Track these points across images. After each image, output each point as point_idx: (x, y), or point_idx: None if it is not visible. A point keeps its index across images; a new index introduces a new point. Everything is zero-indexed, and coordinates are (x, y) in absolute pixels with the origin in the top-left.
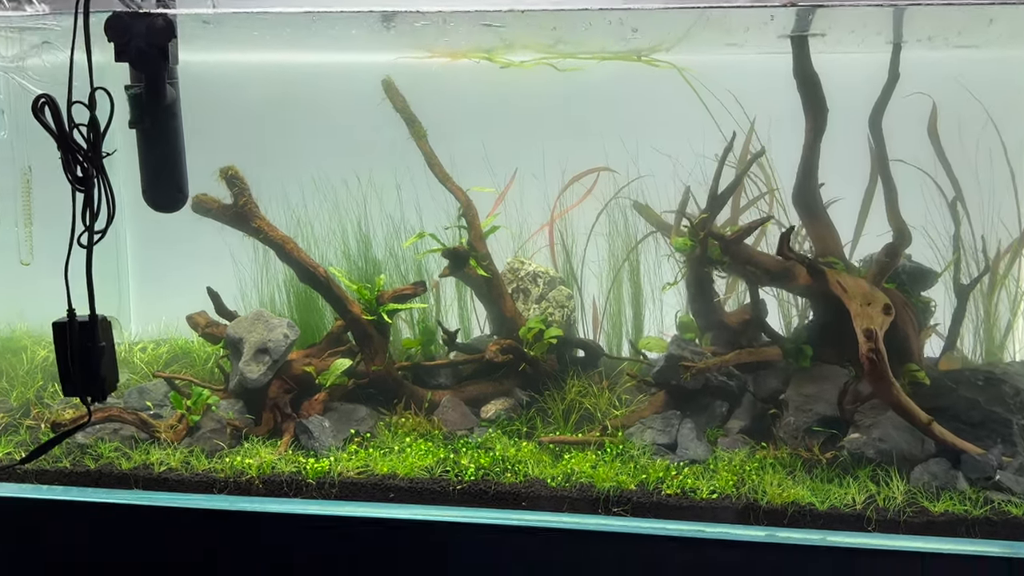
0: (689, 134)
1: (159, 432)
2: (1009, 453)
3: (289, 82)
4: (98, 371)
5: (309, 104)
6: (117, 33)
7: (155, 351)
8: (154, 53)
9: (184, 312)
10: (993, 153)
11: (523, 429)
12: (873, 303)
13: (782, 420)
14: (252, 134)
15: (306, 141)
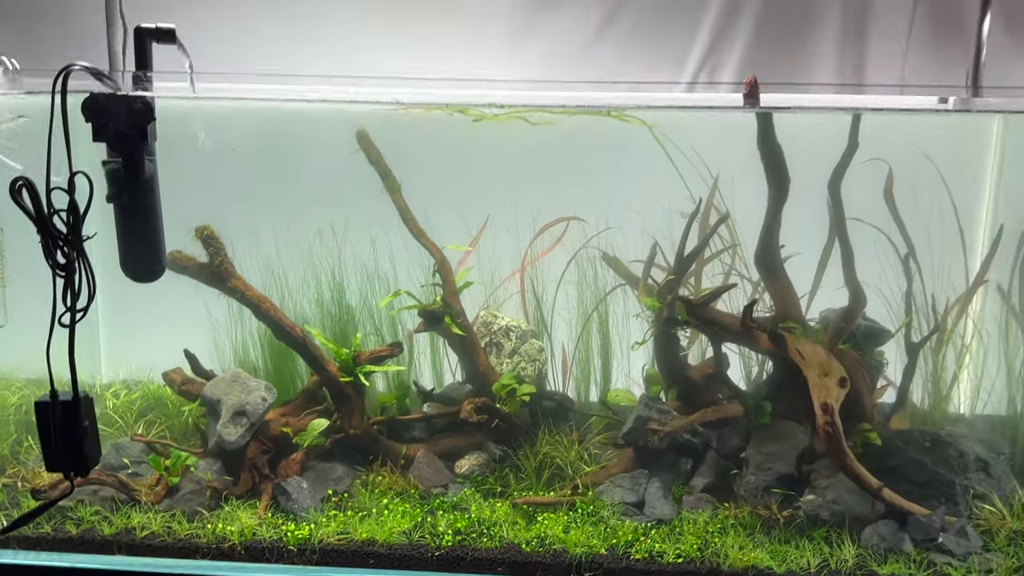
0: (657, 187)
1: (139, 494)
2: (952, 513)
3: (263, 129)
4: (81, 450)
5: (283, 151)
6: (95, 114)
7: (127, 397)
8: (133, 135)
9: (155, 352)
10: (945, 214)
11: (497, 488)
12: (830, 374)
13: (743, 478)
14: (224, 180)
15: (280, 189)
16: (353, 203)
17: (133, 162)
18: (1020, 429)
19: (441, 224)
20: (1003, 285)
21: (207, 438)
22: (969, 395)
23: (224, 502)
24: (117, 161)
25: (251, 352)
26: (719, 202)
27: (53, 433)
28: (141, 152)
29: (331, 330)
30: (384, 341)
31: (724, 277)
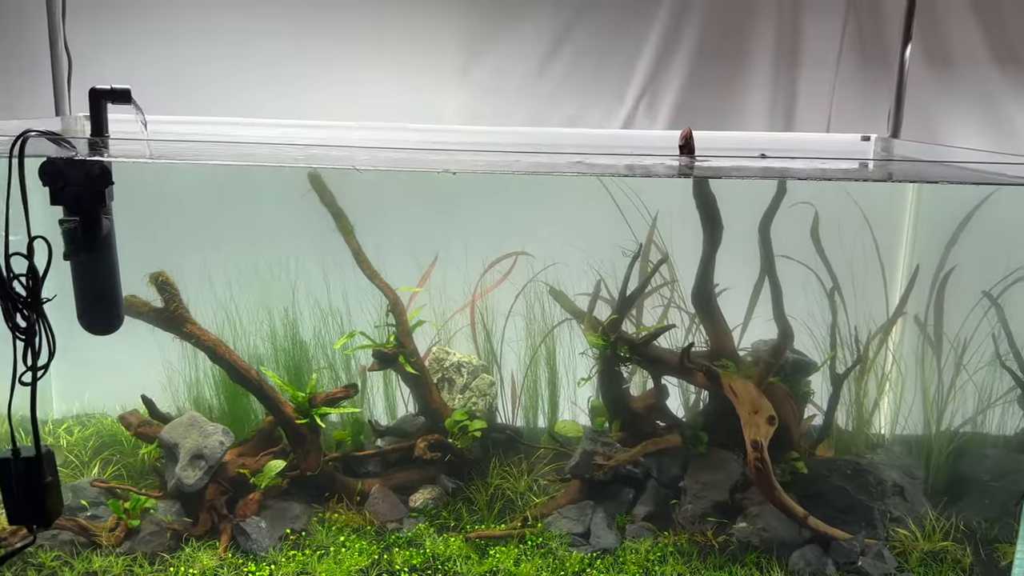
0: (600, 225)
1: (99, 537)
2: (872, 537)
3: (215, 171)
4: (44, 504)
5: (236, 191)
6: (52, 178)
7: (81, 433)
8: (91, 198)
9: (108, 384)
10: (868, 251)
11: (450, 522)
12: (760, 411)
13: (681, 507)
14: (178, 222)
15: (234, 229)
16: (305, 243)
17: (91, 222)
18: (934, 450)
19: (392, 263)
20: (920, 317)
21: (165, 480)
22: (889, 419)
23: (184, 543)
24: (74, 220)
25: (205, 390)
26: (660, 241)
27: (15, 488)
28: (99, 213)
29: (285, 366)
30: (338, 376)
31: (663, 311)
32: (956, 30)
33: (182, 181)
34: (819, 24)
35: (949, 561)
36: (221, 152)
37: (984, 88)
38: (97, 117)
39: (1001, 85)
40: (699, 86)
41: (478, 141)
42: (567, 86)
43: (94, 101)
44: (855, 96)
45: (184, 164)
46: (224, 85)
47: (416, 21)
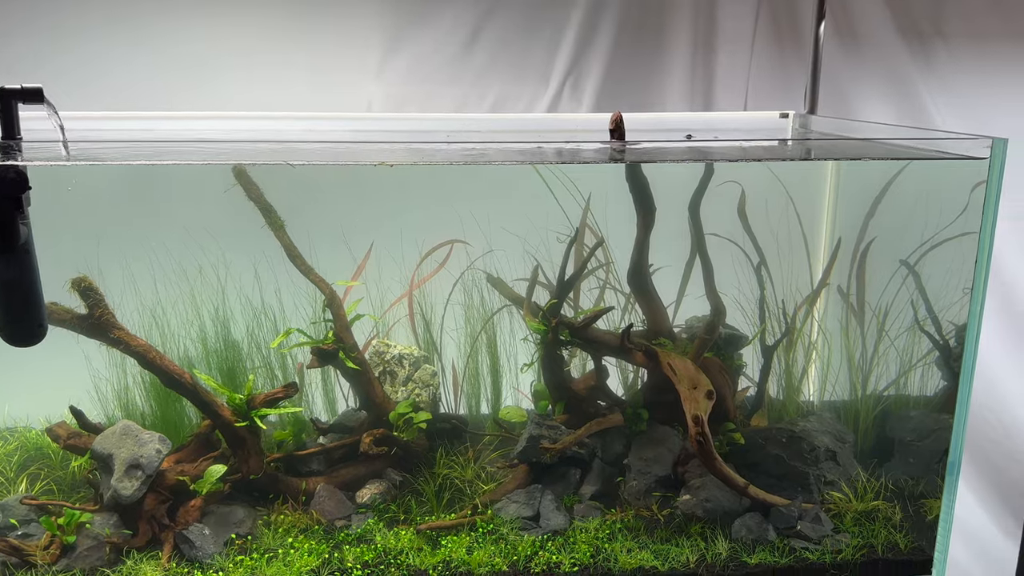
0: (535, 209)
1: (32, 556)
2: (808, 501)
3: (135, 169)
4: None
5: (157, 189)
6: None
7: (5, 448)
8: (6, 204)
9: (28, 397)
10: (792, 225)
11: (400, 515)
12: (699, 387)
13: (626, 484)
14: (97, 225)
15: (158, 229)
16: (233, 240)
17: (6, 233)
18: (861, 414)
19: (326, 257)
20: (843, 287)
21: (100, 492)
22: (818, 386)
23: (125, 556)
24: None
25: (136, 397)
26: (594, 224)
27: None
28: (15, 220)
29: (218, 368)
30: (274, 376)
31: (600, 293)
32: (864, 6)
33: (99, 182)
34: (734, 4)
35: (881, 519)
36: (144, 151)
37: (891, 63)
38: (8, 118)
39: (907, 60)
40: (621, 68)
41: (407, 128)
42: (492, 70)
43: (4, 102)
44: (770, 74)
45: (103, 166)
46: (140, 79)
47: (335, 10)
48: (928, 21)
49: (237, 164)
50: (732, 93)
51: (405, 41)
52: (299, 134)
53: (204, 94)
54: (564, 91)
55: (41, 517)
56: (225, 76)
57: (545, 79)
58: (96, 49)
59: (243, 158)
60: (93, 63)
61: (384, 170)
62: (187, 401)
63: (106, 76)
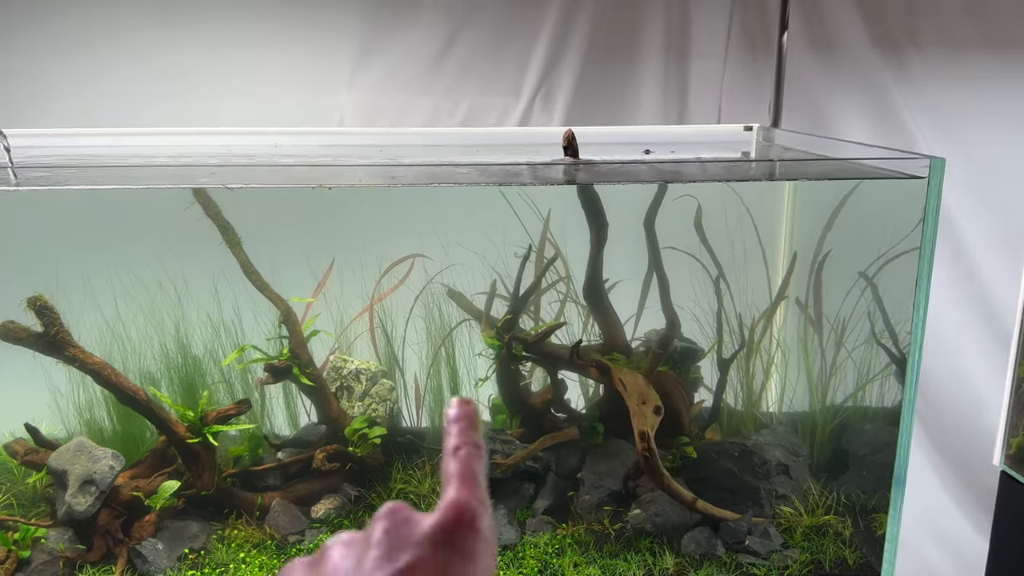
0: (495, 227)
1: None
2: (759, 515)
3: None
4: None
5: (115, 208)
6: None
7: None
8: None
9: None
10: (749, 238)
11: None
12: (647, 402)
13: (579, 497)
14: (52, 243)
15: (116, 245)
16: (195, 257)
17: None
18: (818, 426)
19: (288, 274)
20: (801, 299)
21: (56, 508)
22: (776, 399)
23: (79, 571)
24: None
25: (97, 413)
26: (553, 239)
27: None
28: None
29: (179, 383)
30: (234, 391)
31: (560, 306)
32: (838, 16)
33: (61, 200)
34: (706, 16)
35: (831, 534)
36: (92, 175)
37: (866, 73)
38: None
39: (882, 70)
40: (592, 81)
41: (374, 143)
42: (464, 82)
43: None
44: (743, 86)
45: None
46: (107, 92)
47: (306, 23)
48: (902, 31)
49: (175, 187)
50: (706, 105)
51: (377, 52)
52: (268, 148)
53: (174, 107)
54: (535, 104)
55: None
56: (196, 88)
57: (516, 92)
58: (55, 62)
59: (197, 178)
60: (53, 77)
61: (343, 189)
62: (147, 420)
63: (68, 89)
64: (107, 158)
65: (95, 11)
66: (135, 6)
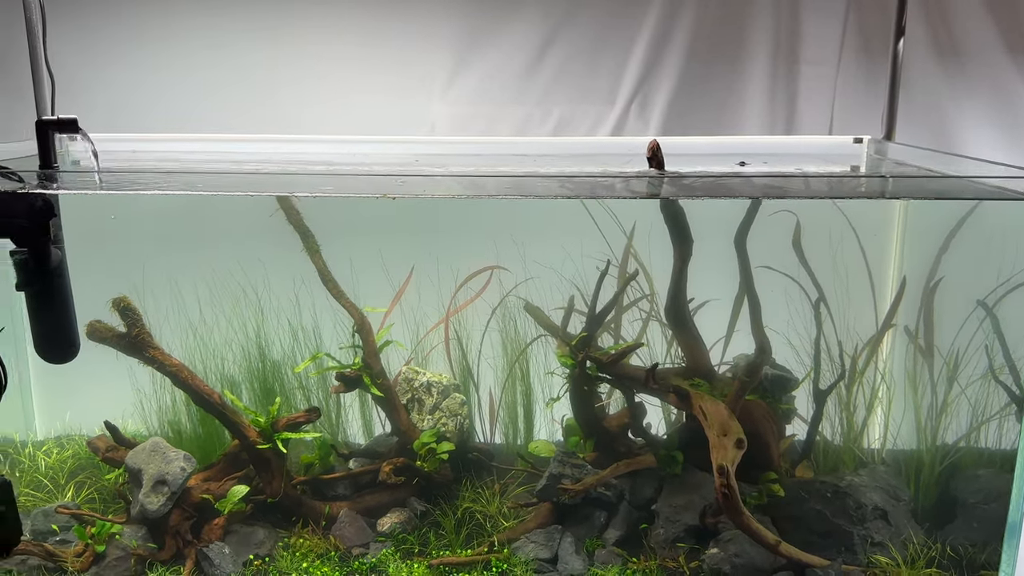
0: (574, 239)
1: (66, 562)
2: (850, 563)
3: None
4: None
5: (203, 211)
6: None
7: (60, 456)
8: (36, 231)
9: (90, 404)
10: (852, 260)
11: (416, 548)
12: (728, 434)
13: (653, 531)
14: (144, 248)
15: (201, 251)
16: (276, 262)
17: (40, 253)
18: (924, 469)
19: (366, 282)
20: (910, 328)
21: (130, 505)
22: (879, 436)
23: (149, 569)
24: (24, 252)
25: (178, 414)
26: (637, 254)
27: None
28: (47, 244)
29: (259, 386)
30: (310, 397)
31: (643, 325)
32: (967, 22)
33: (150, 206)
34: (819, 21)
35: None
36: (175, 181)
37: (997, 80)
38: (45, 148)
39: (1015, 76)
40: (693, 88)
41: (464, 152)
42: (556, 90)
43: (41, 132)
44: (857, 95)
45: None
46: (202, 100)
47: (403, 30)
48: None
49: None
50: (816, 115)
51: (470, 61)
52: (360, 157)
53: (275, 115)
54: (631, 112)
55: (75, 527)
56: (290, 98)
57: (611, 99)
58: (158, 74)
59: (280, 186)
60: (161, 85)
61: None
62: None
63: (164, 97)
64: (215, 163)
65: (199, 27)
66: (243, 26)
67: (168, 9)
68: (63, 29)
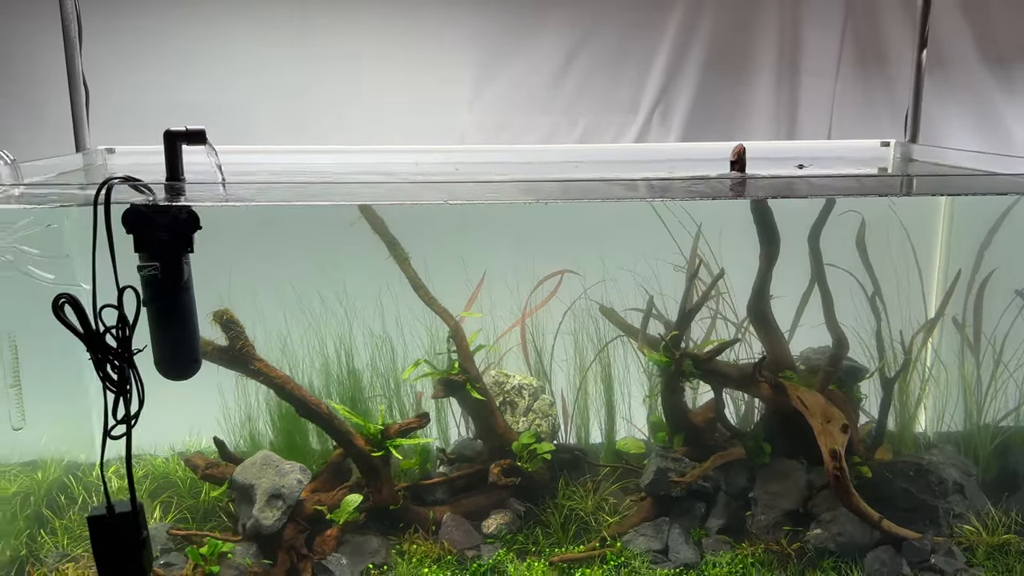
0: (644, 241)
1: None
2: (938, 535)
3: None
4: (141, 561)
5: (287, 222)
6: (136, 225)
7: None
8: (176, 244)
9: (155, 424)
10: (900, 255)
11: (529, 546)
12: (832, 420)
13: (754, 517)
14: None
15: (285, 260)
16: (356, 271)
17: (173, 268)
18: (980, 446)
19: (440, 287)
20: (958, 318)
21: (238, 522)
22: (933, 418)
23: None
24: (154, 267)
25: (259, 426)
26: (703, 255)
27: (110, 545)
28: (181, 259)
29: (340, 397)
30: (395, 405)
31: (711, 324)
32: (948, 33)
33: (231, 218)
34: (819, 35)
35: (1013, 552)
36: (287, 192)
37: (976, 90)
38: (172, 159)
39: (992, 87)
40: (709, 97)
41: (499, 160)
42: (582, 100)
43: (169, 143)
44: (854, 103)
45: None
46: (243, 113)
47: (430, 42)
48: (1012, 47)
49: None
50: (816, 120)
51: (499, 71)
52: (407, 167)
53: (308, 128)
54: (653, 120)
55: (187, 548)
56: (322, 112)
57: (634, 108)
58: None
59: (375, 195)
60: (203, 97)
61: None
62: (309, 434)
63: (206, 110)
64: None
65: (234, 41)
66: (276, 39)
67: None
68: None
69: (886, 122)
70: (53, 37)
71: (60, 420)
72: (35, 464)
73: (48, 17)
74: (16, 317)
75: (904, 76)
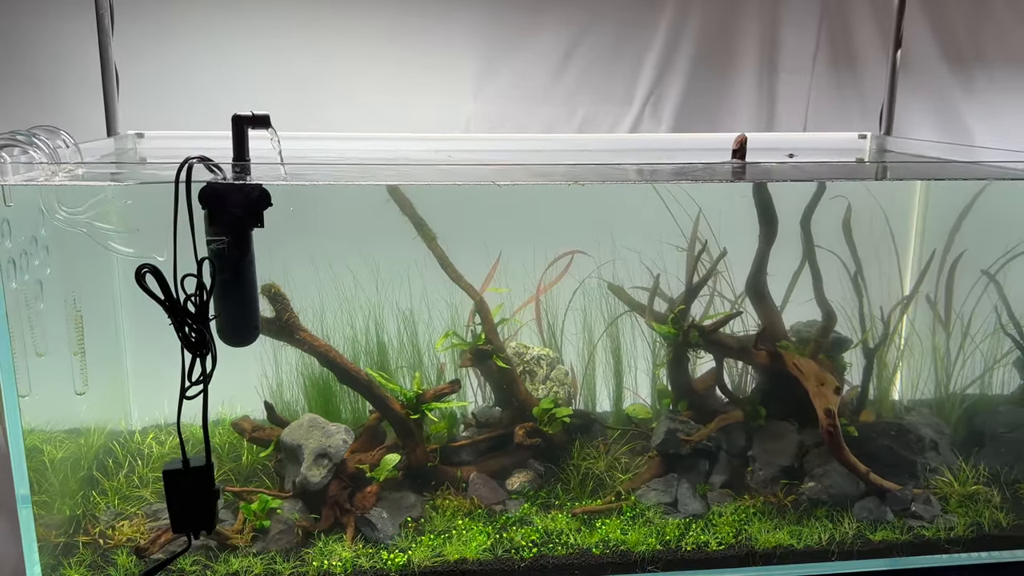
0: (650, 225)
1: (230, 539)
2: (917, 486)
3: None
4: (213, 512)
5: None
6: (211, 202)
7: (173, 442)
8: (249, 220)
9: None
10: (878, 238)
11: (552, 501)
12: (825, 383)
13: (753, 473)
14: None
15: (317, 237)
16: (385, 249)
17: (241, 243)
18: (951, 410)
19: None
20: (930, 296)
21: (285, 480)
22: (908, 385)
23: (313, 538)
24: (223, 240)
25: (288, 392)
26: (703, 236)
27: (185, 497)
28: (250, 235)
29: (367, 365)
30: (424, 374)
31: (709, 299)
32: (911, 32)
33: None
34: (796, 35)
35: (981, 501)
36: (348, 172)
37: (936, 88)
38: (239, 142)
39: (952, 85)
40: (697, 90)
41: (506, 148)
42: (580, 92)
43: (237, 126)
44: (828, 98)
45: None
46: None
47: (436, 38)
48: (970, 46)
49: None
50: (793, 114)
51: (501, 64)
52: (424, 153)
53: (309, 116)
54: (645, 112)
55: (241, 504)
56: (321, 101)
57: (628, 100)
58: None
59: (406, 177)
60: (226, 83)
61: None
62: (340, 400)
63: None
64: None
65: (243, 28)
66: (286, 30)
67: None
68: None
69: (856, 116)
70: (73, 26)
71: (99, 389)
72: (78, 431)
73: (71, 5)
74: (56, 286)
75: (872, 74)
